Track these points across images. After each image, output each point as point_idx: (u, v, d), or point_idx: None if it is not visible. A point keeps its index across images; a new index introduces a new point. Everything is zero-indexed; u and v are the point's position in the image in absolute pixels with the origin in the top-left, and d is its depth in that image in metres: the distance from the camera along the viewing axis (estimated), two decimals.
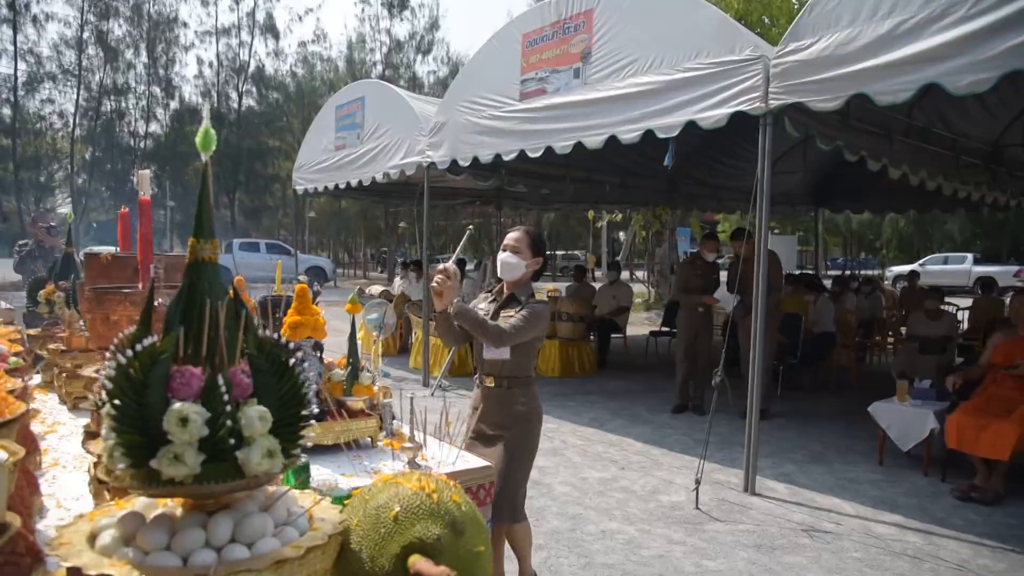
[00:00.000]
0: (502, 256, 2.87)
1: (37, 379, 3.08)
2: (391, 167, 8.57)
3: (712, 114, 4.73)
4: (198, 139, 1.17)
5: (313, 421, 1.20)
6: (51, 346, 3.09)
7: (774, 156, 10.28)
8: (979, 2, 3.54)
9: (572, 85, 5.99)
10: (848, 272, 19.00)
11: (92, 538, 1.09)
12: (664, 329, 10.29)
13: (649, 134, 5.23)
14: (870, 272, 27.37)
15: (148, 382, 1.05)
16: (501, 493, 2.71)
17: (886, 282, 22.54)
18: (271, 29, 35.15)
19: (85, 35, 30.29)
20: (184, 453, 1.02)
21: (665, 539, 3.77)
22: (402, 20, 35.35)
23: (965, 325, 9.26)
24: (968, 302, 10.41)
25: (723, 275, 7.22)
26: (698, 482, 4.26)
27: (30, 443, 1.71)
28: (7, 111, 29.22)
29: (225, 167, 33.19)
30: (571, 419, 6.54)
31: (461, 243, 3.30)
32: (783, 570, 3.42)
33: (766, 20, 11.72)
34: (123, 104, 31.82)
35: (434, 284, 2.72)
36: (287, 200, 19.93)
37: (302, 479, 1.78)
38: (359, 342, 2.99)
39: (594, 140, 5.71)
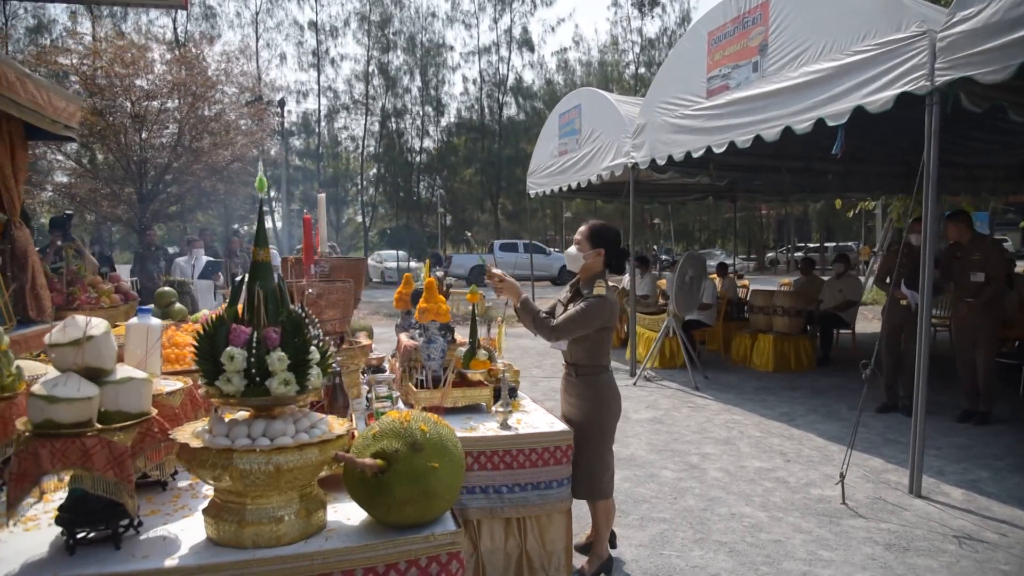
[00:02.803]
0: (568, 250, 3.17)
1: None
2: (603, 168, 9.10)
3: (877, 98, 4.51)
4: (256, 184, 1.84)
5: (317, 364, 1.79)
6: None
7: None
8: None
9: (751, 79, 5.99)
10: None
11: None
12: None
13: (820, 123, 5.10)
14: None
15: (216, 334, 1.73)
16: (575, 472, 3.03)
17: None
18: (527, 43, 37.54)
19: (371, 68, 35.24)
20: (232, 378, 1.69)
21: (792, 527, 3.81)
22: (652, 18, 35.40)
23: None
24: None
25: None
26: (842, 476, 4.15)
27: None
28: (313, 140, 35.19)
29: (488, 175, 36.21)
30: (760, 412, 6.50)
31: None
32: (904, 570, 3.30)
33: None
34: (401, 124, 36.38)
35: (496, 289, 3.06)
36: (544, 202, 21.50)
37: None
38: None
39: (770, 132, 5.67)
